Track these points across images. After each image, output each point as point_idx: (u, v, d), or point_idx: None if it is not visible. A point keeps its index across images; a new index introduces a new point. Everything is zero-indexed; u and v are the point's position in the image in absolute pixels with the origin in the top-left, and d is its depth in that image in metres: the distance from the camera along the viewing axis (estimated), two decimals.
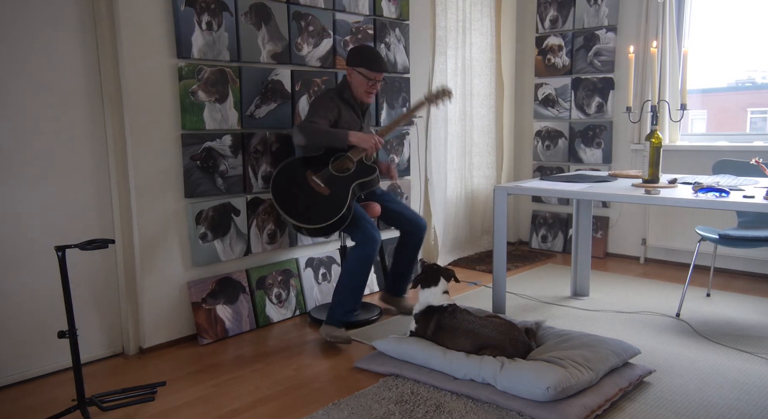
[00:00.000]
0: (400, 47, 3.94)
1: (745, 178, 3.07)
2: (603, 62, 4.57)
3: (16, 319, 2.56)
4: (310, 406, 2.32)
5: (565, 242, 4.90)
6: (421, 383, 2.46)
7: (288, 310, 3.35)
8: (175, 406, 2.34)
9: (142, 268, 2.83)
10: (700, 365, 2.62)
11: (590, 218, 3.60)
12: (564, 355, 2.39)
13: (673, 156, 4.27)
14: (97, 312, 2.81)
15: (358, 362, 2.66)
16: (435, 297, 2.68)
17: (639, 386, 2.42)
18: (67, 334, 2.15)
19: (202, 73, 2.93)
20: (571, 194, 2.82)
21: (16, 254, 2.54)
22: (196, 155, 2.95)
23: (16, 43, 2.47)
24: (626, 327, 3.09)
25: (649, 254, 4.50)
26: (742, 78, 4.27)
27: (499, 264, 3.06)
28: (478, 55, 4.66)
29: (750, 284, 3.87)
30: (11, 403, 2.39)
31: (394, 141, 3.97)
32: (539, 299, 3.61)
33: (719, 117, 4.41)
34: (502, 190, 3.03)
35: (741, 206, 2.36)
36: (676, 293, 3.65)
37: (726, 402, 2.28)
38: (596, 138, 4.67)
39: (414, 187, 4.19)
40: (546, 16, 4.86)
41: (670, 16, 4.11)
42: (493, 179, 4.92)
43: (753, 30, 4.10)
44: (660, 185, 2.81)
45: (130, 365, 2.77)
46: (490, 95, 4.81)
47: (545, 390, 2.15)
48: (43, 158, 2.58)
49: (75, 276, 2.70)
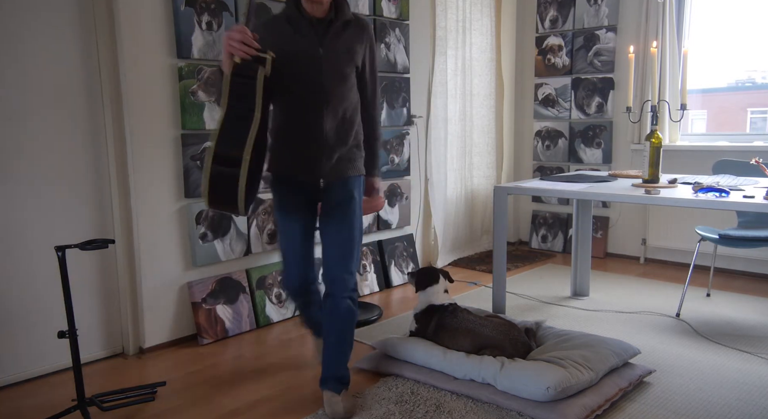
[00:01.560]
0: (400, 47, 3.94)
1: (745, 178, 3.07)
2: (603, 62, 4.57)
3: (16, 319, 2.56)
4: (310, 406, 2.32)
5: (565, 242, 4.90)
6: (421, 383, 2.46)
7: (288, 310, 3.35)
8: (175, 406, 2.34)
9: (142, 268, 2.83)
10: (700, 365, 2.62)
11: (590, 218, 3.60)
12: (564, 355, 2.39)
13: (673, 156, 4.27)
14: (97, 312, 2.81)
15: (358, 362, 2.66)
16: (436, 296, 2.69)
17: (639, 386, 2.42)
18: (67, 334, 2.15)
19: (202, 73, 2.93)
20: (571, 194, 2.82)
21: (16, 254, 2.54)
22: (196, 155, 2.96)
23: (15, 42, 2.47)
24: (626, 327, 3.09)
25: (649, 254, 4.50)
26: (742, 78, 4.27)
27: (499, 264, 3.06)
28: (478, 55, 4.66)
29: (750, 284, 3.87)
30: (11, 403, 2.39)
31: (395, 141, 3.98)
32: (539, 299, 3.61)
33: (719, 117, 4.41)
34: (502, 190, 3.03)
35: (741, 206, 2.36)
36: (676, 293, 3.65)
37: (726, 402, 2.28)
38: (596, 138, 4.67)
39: (414, 187, 4.19)
40: (546, 16, 4.86)
41: (670, 16, 4.11)
42: (493, 179, 4.92)
43: (753, 30, 4.09)
44: (660, 185, 2.81)
45: (130, 365, 2.77)
46: (490, 95, 4.81)
47: (545, 390, 2.15)
48: (43, 158, 2.58)
49: (75, 276, 2.70)
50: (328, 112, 2.16)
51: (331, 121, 2.17)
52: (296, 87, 2.14)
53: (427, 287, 2.69)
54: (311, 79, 2.13)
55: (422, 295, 2.71)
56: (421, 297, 2.72)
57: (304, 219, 2.30)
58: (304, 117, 2.16)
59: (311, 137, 2.17)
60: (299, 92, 2.15)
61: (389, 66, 3.88)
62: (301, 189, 2.27)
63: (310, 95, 2.14)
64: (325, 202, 2.29)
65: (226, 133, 1.97)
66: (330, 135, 2.18)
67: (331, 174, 2.23)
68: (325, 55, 2.13)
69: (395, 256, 4.02)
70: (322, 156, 2.19)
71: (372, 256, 3.87)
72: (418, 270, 2.77)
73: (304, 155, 2.20)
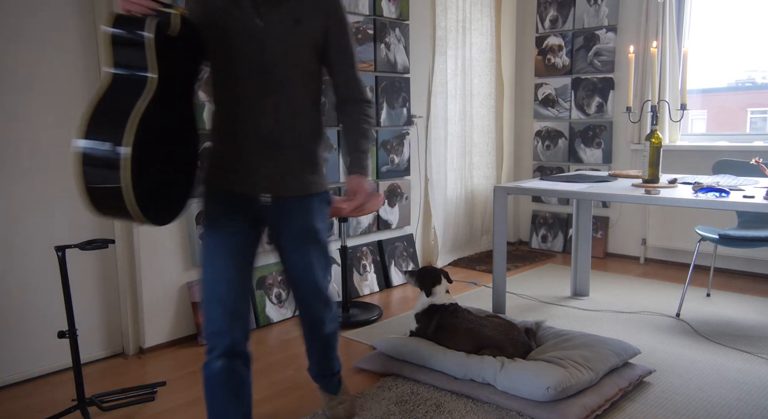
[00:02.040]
0: (400, 47, 3.94)
1: (745, 178, 3.07)
2: (603, 62, 4.57)
3: (16, 319, 2.56)
4: (309, 406, 2.31)
5: (565, 242, 4.90)
6: (421, 383, 2.46)
7: (288, 310, 3.35)
8: (175, 406, 2.34)
9: (142, 268, 2.83)
10: (700, 365, 2.62)
11: (590, 218, 3.60)
12: (564, 355, 2.39)
13: (673, 156, 4.27)
14: (97, 312, 2.81)
15: (357, 362, 2.66)
16: (438, 296, 2.69)
17: (639, 386, 2.42)
18: (67, 334, 2.15)
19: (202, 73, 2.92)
20: (571, 194, 2.82)
21: (16, 254, 2.54)
22: None
23: (15, 42, 2.47)
24: (626, 327, 3.09)
25: (649, 254, 4.50)
26: (742, 78, 4.27)
27: (499, 264, 3.06)
28: (478, 55, 4.66)
29: (750, 284, 3.87)
30: (11, 403, 2.39)
31: (395, 141, 3.98)
32: (539, 299, 3.61)
33: (719, 117, 4.41)
34: (502, 190, 3.03)
35: (741, 206, 2.36)
36: (676, 293, 3.65)
37: (726, 402, 2.28)
38: (596, 138, 4.67)
39: (414, 187, 4.19)
40: (546, 16, 4.86)
41: (670, 16, 4.11)
42: (493, 179, 4.92)
43: (753, 30, 4.10)
44: (660, 185, 2.81)
45: (130, 365, 2.77)
46: (490, 95, 4.81)
47: (545, 390, 2.15)
48: (43, 159, 2.58)
49: (75, 276, 2.70)
50: (274, 102, 1.70)
51: (278, 114, 1.70)
52: (234, 70, 1.69)
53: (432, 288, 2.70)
54: (251, 59, 1.67)
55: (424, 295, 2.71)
56: (423, 297, 2.72)
57: (240, 253, 1.74)
58: (241, 109, 1.70)
59: (250, 135, 1.70)
60: (237, 77, 1.69)
61: (389, 66, 3.88)
62: (238, 207, 1.75)
63: (251, 81, 1.68)
64: (280, 225, 1.79)
65: (100, 113, 1.40)
66: (275, 133, 1.71)
67: (276, 186, 1.73)
68: (267, 27, 1.66)
69: (395, 256, 4.02)
70: (264, 161, 1.71)
71: (372, 256, 3.87)
72: (418, 270, 2.77)
73: (241, 158, 1.71)
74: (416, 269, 2.80)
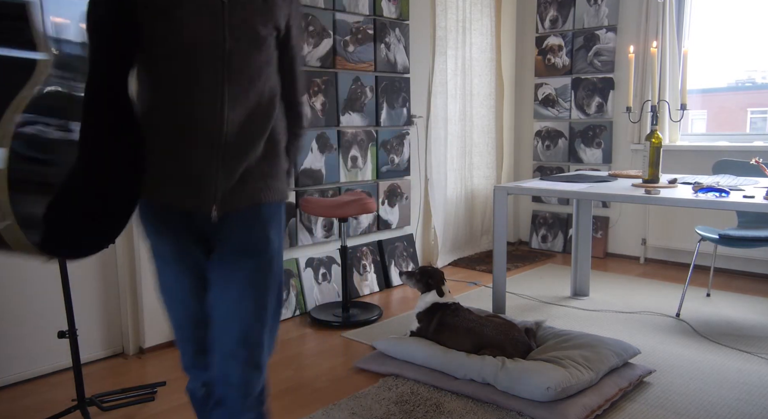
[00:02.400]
0: (400, 47, 3.94)
1: (745, 178, 3.07)
2: (603, 62, 4.57)
3: (16, 319, 2.56)
4: (310, 406, 2.31)
5: (565, 242, 4.90)
6: (421, 383, 2.46)
7: (288, 310, 3.35)
8: (175, 406, 2.34)
9: (142, 268, 2.83)
10: (700, 365, 2.62)
11: (590, 218, 3.60)
12: (564, 355, 2.39)
13: (673, 156, 4.27)
14: (97, 312, 2.81)
15: (357, 362, 2.66)
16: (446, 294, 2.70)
17: (639, 386, 2.42)
18: (67, 334, 2.15)
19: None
20: (571, 194, 2.82)
21: None
22: None
23: None
24: (626, 327, 3.09)
25: (649, 254, 4.50)
26: (742, 78, 4.27)
27: (499, 264, 3.06)
28: (478, 55, 4.66)
29: (750, 284, 3.87)
30: (11, 403, 2.39)
31: (395, 141, 3.98)
32: (539, 299, 3.61)
33: (719, 117, 4.41)
34: (502, 190, 3.03)
35: (741, 206, 2.36)
36: (676, 293, 3.65)
37: (726, 402, 2.28)
38: (596, 138, 4.67)
39: (414, 187, 4.19)
40: (546, 16, 4.86)
41: (670, 16, 4.11)
42: (493, 179, 4.92)
43: (753, 30, 4.10)
44: (660, 185, 2.81)
45: (130, 365, 2.77)
46: (490, 95, 4.81)
47: (545, 390, 2.15)
48: None
49: (75, 276, 2.70)
50: (234, 92, 1.30)
51: (238, 108, 1.31)
52: (179, 49, 1.28)
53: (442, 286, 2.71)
54: (205, 36, 1.27)
55: (427, 295, 2.71)
56: (425, 297, 2.72)
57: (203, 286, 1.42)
58: (190, 100, 1.29)
59: (201, 134, 1.30)
60: (183, 59, 1.28)
61: (389, 66, 3.88)
62: (186, 224, 1.39)
63: (203, 64, 1.28)
64: (220, 244, 1.39)
65: None
66: (233, 132, 1.32)
67: (232, 199, 1.36)
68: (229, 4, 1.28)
69: (395, 256, 4.02)
70: (219, 168, 1.33)
71: (372, 256, 3.87)
72: (419, 271, 2.77)
73: (189, 165, 1.33)
74: (415, 270, 2.80)
